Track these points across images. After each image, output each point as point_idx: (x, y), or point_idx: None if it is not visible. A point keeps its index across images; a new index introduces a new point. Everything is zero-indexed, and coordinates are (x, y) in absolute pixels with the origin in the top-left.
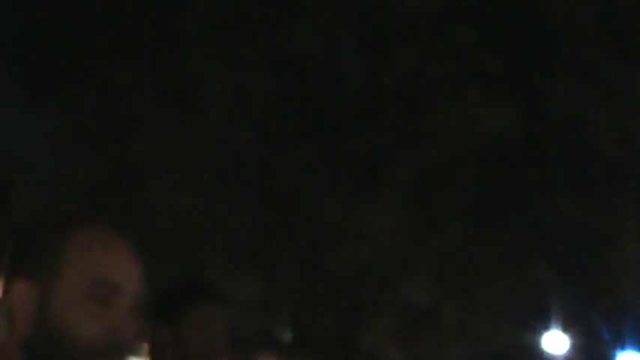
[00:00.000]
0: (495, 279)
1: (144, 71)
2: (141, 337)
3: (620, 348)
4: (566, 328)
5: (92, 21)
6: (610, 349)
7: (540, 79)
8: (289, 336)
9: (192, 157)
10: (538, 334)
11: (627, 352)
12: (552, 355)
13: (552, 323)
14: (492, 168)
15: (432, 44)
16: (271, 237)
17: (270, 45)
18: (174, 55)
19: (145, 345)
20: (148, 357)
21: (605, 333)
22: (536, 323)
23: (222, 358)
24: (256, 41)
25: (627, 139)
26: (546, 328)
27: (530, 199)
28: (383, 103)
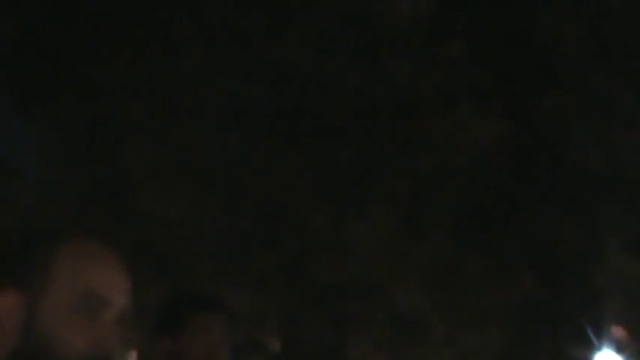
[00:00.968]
0: (484, 290)
1: (134, 80)
2: (128, 349)
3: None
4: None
5: (83, 28)
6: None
7: (530, 93)
8: (278, 346)
9: (181, 167)
10: (528, 346)
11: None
12: None
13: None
14: (481, 180)
15: (424, 57)
16: (260, 247)
17: (261, 55)
18: (165, 65)
19: (135, 355)
20: None
21: (593, 343)
22: (525, 335)
23: None
24: (247, 51)
25: (614, 154)
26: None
27: (518, 212)
28: (373, 115)
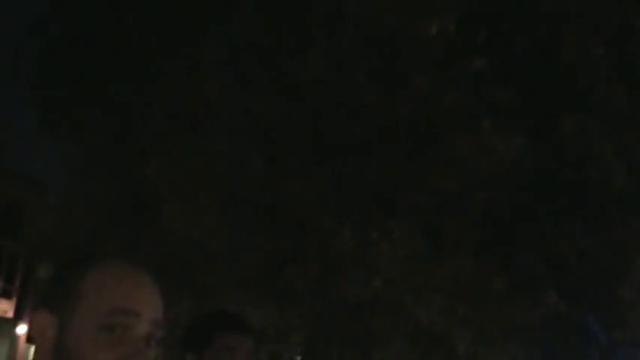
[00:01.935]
0: (508, 307)
1: (157, 97)
2: None
3: None
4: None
5: (106, 46)
6: None
7: (553, 112)
8: None
9: (205, 183)
10: None
11: None
12: None
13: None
14: (504, 198)
15: (446, 74)
16: (283, 263)
17: (283, 72)
18: (188, 82)
19: None
20: None
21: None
22: (549, 352)
23: None
24: (270, 68)
25: (638, 171)
26: (560, 357)
27: (542, 229)
28: (396, 131)
